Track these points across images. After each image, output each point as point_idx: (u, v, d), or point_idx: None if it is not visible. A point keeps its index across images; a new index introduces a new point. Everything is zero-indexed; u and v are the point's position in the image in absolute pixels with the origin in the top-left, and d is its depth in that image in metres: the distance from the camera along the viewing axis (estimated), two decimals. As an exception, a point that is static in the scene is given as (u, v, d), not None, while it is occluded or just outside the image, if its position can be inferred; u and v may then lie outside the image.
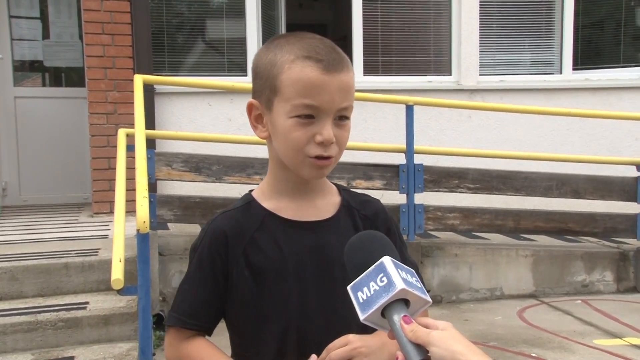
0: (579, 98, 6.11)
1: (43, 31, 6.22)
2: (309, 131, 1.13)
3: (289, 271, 1.20)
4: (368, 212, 1.30)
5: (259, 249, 1.20)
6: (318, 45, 1.15)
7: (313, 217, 1.24)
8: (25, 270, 3.66)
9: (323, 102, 1.12)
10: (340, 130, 1.16)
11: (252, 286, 1.19)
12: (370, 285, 0.95)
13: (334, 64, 1.13)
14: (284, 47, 1.16)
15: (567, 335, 3.97)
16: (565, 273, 5.04)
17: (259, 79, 1.20)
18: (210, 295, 1.22)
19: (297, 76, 1.12)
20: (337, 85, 1.13)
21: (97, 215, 5.26)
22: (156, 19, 5.66)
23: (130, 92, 4.94)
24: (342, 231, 1.24)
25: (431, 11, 6.27)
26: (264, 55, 1.19)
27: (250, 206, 1.25)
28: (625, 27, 6.65)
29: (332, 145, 1.15)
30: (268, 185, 1.26)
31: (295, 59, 1.13)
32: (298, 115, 1.13)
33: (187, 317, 1.22)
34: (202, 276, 1.22)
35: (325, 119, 1.13)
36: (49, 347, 3.31)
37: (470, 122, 6.00)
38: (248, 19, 5.71)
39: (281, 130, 1.16)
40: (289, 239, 1.21)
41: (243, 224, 1.22)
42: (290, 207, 1.23)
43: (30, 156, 6.10)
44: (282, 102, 1.14)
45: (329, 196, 1.28)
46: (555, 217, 5.05)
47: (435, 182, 4.78)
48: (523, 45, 6.40)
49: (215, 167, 4.45)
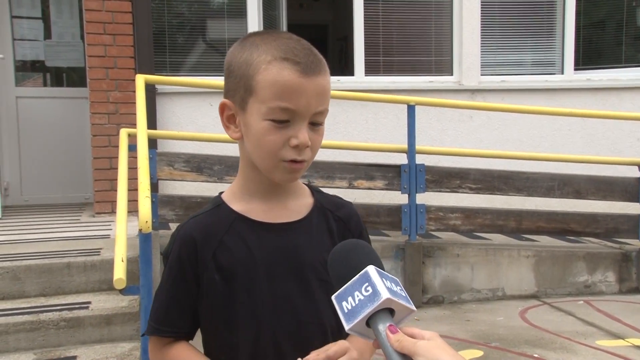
0: (581, 98, 6.11)
1: (44, 31, 6.22)
2: (284, 135, 1.11)
3: (260, 274, 1.17)
4: (342, 214, 1.28)
5: (229, 252, 1.18)
6: (295, 46, 1.12)
7: (284, 218, 1.21)
8: (27, 269, 3.66)
9: (300, 105, 1.10)
10: (314, 134, 1.14)
11: (223, 290, 1.17)
12: (355, 295, 0.94)
13: (311, 66, 1.11)
14: (259, 46, 1.13)
15: (569, 336, 3.96)
16: (567, 274, 5.04)
17: (232, 77, 1.17)
18: (184, 301, 1.20)
19: (274, 78, 1.10)
20: (314, 88, 1.11)
21: (98, 215, 5.26)
22: (157, 19, 5.66)
23: (131, 92, 4.94)
24: (314, 232, 1.23)
25: (432, 11, 6.27)
26: (238, 54, 1.16)
27: (220, 209, 1.22)
28: (626, 28, 6.65)
29: (307, 150, 1.13)
30: (238, 186, 1.24)
31: (272, 59, 1.11)
32: (273, 118, 1.11)
33: (163, 325, 1.21)
34: (174, 283, 1.20)
35: (300, 123, 1.11)
36: (51, 347, 3.31)
37: (471, 122, 6.00)
38: (249, 19, 5.71)
39: (255, 132, 1.13)
40: (259, 241, 1.19)
41: (212, 227, 1.20)
42: (260, 209, 1.21)
43: (32, 156, 6.10)
44: (257, 103, 1.12)
45: (301, 197, 1.26)
46: (557, 218, 5.05)
47: (437, 182, 4.78)
48: (524, 46, 6.40)
49: (217, 167, 4.45)
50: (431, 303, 4.77)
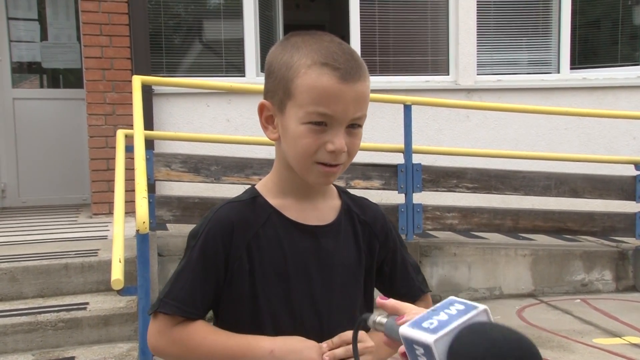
0: (577, 97, 6.13)
1: (41, 33, 6.22)
2: (321, 139, 1.11)
3: (289, 273, 1.18)
4: (367, 217, 1.29)
5: (262, 245, 1.18)
6: (336, 51, 1.11)
7: (315, 220, 1.22)
8: (25, 271, 3.66)
9: (337, 111, 1.10)
10: (351, 138, 1.14)
11: (249, 282, 1.17)
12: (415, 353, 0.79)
13: (351, 72, 1.10)
14: (300, 49, 1.13)
15: (566, 334, 3.97)
16: (564, 272, 5.05)
17: (272, 78, 1.17)
18: (209, 285, 1.17)
19: (313, 83, 1.10)
20: (353, 95, 1.10)
21: (96, 216, 5.26)
22: (154, 20, 5.66)
23: (128, 93, 4.94)
24: (342, 236, 1.24)
25: (428, 11, 6.29)
26: (280, 55, 1.16)
27: (257, 200, 1.22)
28: (622, 27, 6.67)
29: (343, 154, 1.13)
30: (273, 183, 1.24)
31: (312, 64, 1.10)
32: (310, 121, 1.11)
33: (186, 305, 1.15)
34: (204, 265, 1.16)
35: (337, 128, 1.11)
36: (49, 348, 3.32)
37: (468, 121, 6.02)
38: (245, 19, 5.72)
39: (292, 135, 1.14)
40: (291, 240, 1.20)
41: (249, 217, 1.19)
42: (294, 207, 1.22)
43: (29, 158, 6.09)
44: (295, 107, 1.12)
45: (330, 199, 1.27)
46: (553, 217, 5.06)
47: (434, 182, 4.79)
48: (520, 45, 6.41)
49: (214, 168, 4.45)
50: (429, 302, 4.78)
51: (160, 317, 1.17)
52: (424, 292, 1.34)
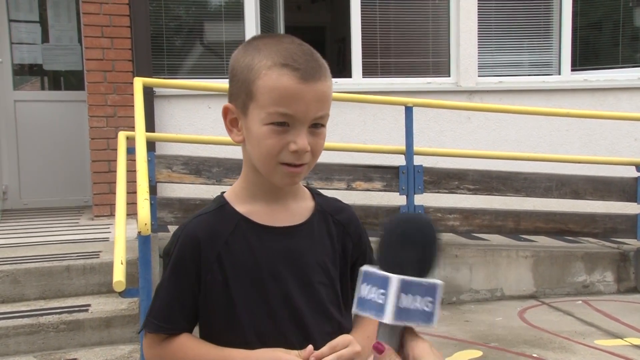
0: (578, 99, 6.12)
1: (42, 35, 6.23)
2: (283, 139, 1.12)
3: (263, 277, 1.18)
4: (342, 218, 1.29)
5: (233, 254, 1.18)
6: (296, 52, 1.13)
7: (286, 222, 1.22)
8: (27, 273, 3.66)
9: (298, 111, 1.11)
10: (315, 138, 1.15)
11: (224, 292, 1.18)
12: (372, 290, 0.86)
13: (311, 72, 1.12)
14: (261, 51, 1.14)
15: (568, 335, 3.97)
16: (566, 274, 5.05)
17: (235, 82, 1.19)
18: (186, 300, 1.20)
19: (273, 84, 1.11)
20: (314, 95, 1.12)
21: (97, 218, 5.26)
22: (155, 22, 5.67)
23: (129, 95, 4.94)
24: (315, 236, 1.24)
25: (430, 13, 6.29)
26: (241, 58, 1.18)
27: (224, 209, 1.22)
28: (623, 28, 6.67)
29: (306, 154, 1.14)
30: (241, 188, 1.25)
31: (272, 65, 1.12)
32: (272, 122, 1.12)
33: (164, 322, 1.21)
34: (177, 281, 1.20)
35: (299, 128, 1.12)
36: (51, 350, 3.31)
37: (469, 123, 6.01)
38: (247, 21, 5.72)
39: (255, 137, 1.15)
40: (262, 244, 1.19)
41: (216, 228, 1.20)
42: (263, 212, 1.22)
43: (31, 160, 6.10)
44: (257, 108, 1.13)
45: (302, 200, 1.27)
46: (555, 218, 5.06)
47: (435, 184, 4.79)
48: (522, 47, 6.42)
49: (215, 169, 4.46)
50: (430, 304, 4.77)
51: (148, 335, 1.24)
52: None
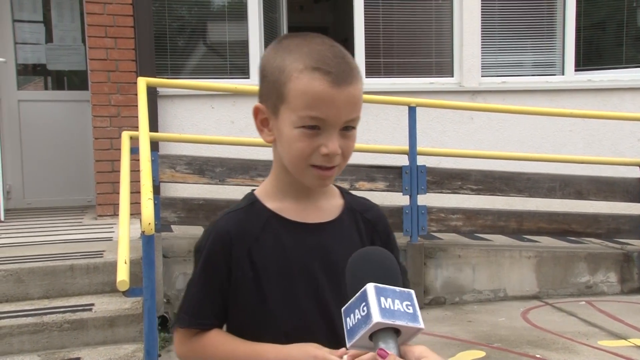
0: (581, 99, 6.12)
1: (46, 35, 6.25)
2: (314, 142, 1.12)
3: (294, 273, 1.19)
4: (370, 216, 1.29)
5: (264, 250, 1.20)
6: (328, 54, 1.12)
7: (316, 218, 1.23)
8: (30, 272, 3.67)
9: (330, 115, 1.11)
10: (346, 141, 1.15)
11: (255, 288, 1.19)
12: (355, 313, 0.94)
13: (342, 76, 1.11)
14: (292, 52, 1.14)
15: (571, 336, 3.97)
16: (569, 274, 5.04)
17: (266, 82, 1.18)
18: (216, 295, 1.21)
19: (305, 88, 1.10)
20: (345, 98, 1.11)
21: (100, 218, 5.27)
22: (158, 22, 5.68)
23: (133, 95, 4.96)
24: (345, 233, 1.24)
25: (433, 13, 6.29)
26: (272, 59, 1.17)
27: (254, 206, 1.24)
28: (627, 28, 6.66)
29: (337, 156, 1.14)
30: (271, 186, 1.26)
31: (303, 68, 1.11)
32: (304, 125, 1.12)
33: (196, 317, 1.22)
34: (208, 277, 1.21)
35: (331, 131, 1.12)
36: (54, 349, 3.32)
37: (472, 123, 6.01)
38: (250, 21, 5.73)
39: (286, 139, 1.15)
40: (293, 240, 1.20)
41: (247, 224, 1.21)
42: (293, 209, 1.22)
43: (34, 159, 6.12)
44: (289, 111, 1.13)
45: (332, 198, 1.28)
46: (558, 218, 5.05)
47: (438, 184, 4.79)
48: (525, 47, 6.41)
49: (219, 169, 4.46)
50: (433, 304, 4.78)
51: (179, 330, 1.26)
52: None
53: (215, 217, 1.28)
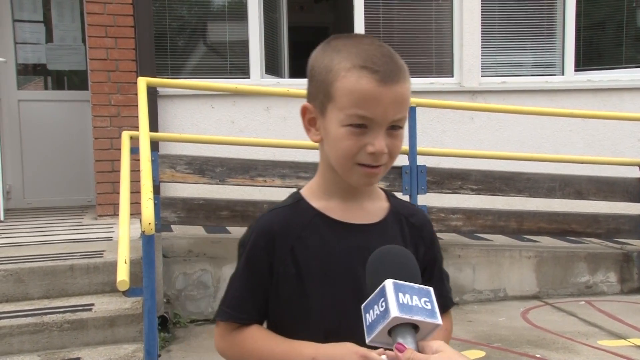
0: (581, 99, 6.12)
1: (46, 35, 6.25)
2: (361, 141, 1.13)
3: (336, 271, 1.20)
4: (415, 221, 1.30)
5: (307, 247, 1.20)
6: (375, 53, 1.13)
7: (361, 219, 1.23)
8: (30, 272, 3.67)
9: (377, 114, 1.12)
10: (392, 140, 1.15)
11: (296, 284, 1.20)
12: (374, 309, 0.95)
13: (390, 75, 1.12)
14: (340, 52, 1.15)
15: (571, 336, 3.97)
16: (569, 274, 5.05)
17: (314, 82, 1.19)
18: (258, 291, 1.22)
19: (352, 86, 1.11)
20: (392, 97, 1.12)
21: (100, 218, 5.27)
22: (158, 22, 5.68)
23: (133, 95, 4.96)
24: (389, 236, 1.24)
25: (433, 13, 6.29)
26: (320, 58, 1.18)
27: (299, 204, 1.25)
28: (626, 28, 6.66)
29: (384, 155, 1.15)
30: (317, 185, 1.26)
31: (351, 67, 1.12)
32: (350, 124, 1.13)
33: (237, 311, 1.23)
34: (250, 272, 1.22)
35: (377, 130, 1.13)
36: (54, 349, 3.32)
37: (472, 123, 6.01)
38: (250, 21, 5.73)
39: (333, 137, 1.16)
40: (337, 239, 1.21)
41: (291, 221, 1.22)
42: (339, 208, 1.23)
43: (34, 159, 6.12)
44: (336, 110, 1.14)
45: (378, 201, 1.28)
46: (558, 218, 5.05)
47: (438, 184, 4.79)
48: (525, 47, 6.41)
49: (219, 169, 4.46)
50: (433, 304, 4.78)
51: (220, 324, 1.28)
52: (452, 303, 1.37)
53: (216, 217, 1.29)
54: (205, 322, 4.38)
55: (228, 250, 4.57)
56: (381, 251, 1.04)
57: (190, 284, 4.47)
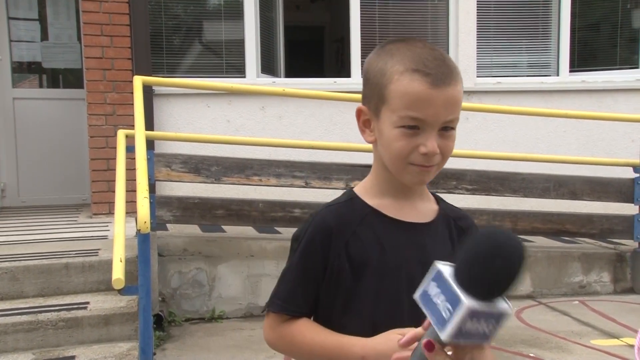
0: (576, 100, 6.14)
1: (41, 32, 6.23)
2: (413, 142, 1.17)
3: (389, 268, 1.23)
4: (463, 224, 1.32)
5: (361, 243, 1.23)
6: (427, 57, 1.17)
7: (414, 218, 1.27)
8: (25, 270, 3.67)
9: (428, 115, 1.15)
10: (445, 141, 1.18)
11: (350, 279, 1.22)
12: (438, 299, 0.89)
13: (442, 77, 1.15)
14: (394, 56, 1.19)
15: (564, 335, 3.99)
16: (563, 274, 5.07)
17: (369, 85, 1.24)
18: (311, 284, 1.25)
19: (405, 89, 1.15)
20: (444, 99, 1.15)
21: (96, 216, 5.26)
22: (154, 21, 5.67)
23: (129, 94, 4.96)
24: (439, 237, 1.27)
25: (429, 13, 6.31)
26: (375, 63, 1.23)
27: (353, 202, 1.28)
28: (621, 30, 6.69)
29: (436, 156, 1.18)
30: (371, 184, 1.30)
31: (404, 70, 1.16)
32: (403, 125, 1.16)
33: (289, 303, 1.25)
34: (305, 266, 1.25)
35: (429, 131, 1.16)
36: (49, 347, 3.32)
37: (467, 123, 6.02)
38: (246, 20, 5.73)
39: (386, 138, 1.20)
40: (390, 236, 1.24)
41: (346, 218, 1.25)
42: (392, 206, 1.26)
43: (29, 157, 6.10)
44: (389, 111, 1.18)
45: (428, 202, 1.31)
46: (552, 219, 5.07)
47: (433, 183, 4.77)
48: (520, 48, 6.43)
49: (214, 168, 4.46)
50: (427, 303, 4.79)
51: (270, 315, 1.29)
52: None
53: (212, 216, 1.30)
54: (200, 321, 4.39)
55: (223, 249, 4.57)
56: (509, 239, 0.94)
57: (185, 283, 4.48)
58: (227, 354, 3.68)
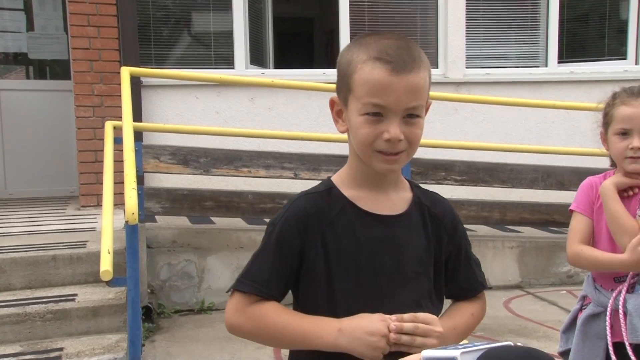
0: (564, 91, 6.17)
1: (27, 23, 6.17)
2: (377, 129, 1.19)
3: (363, 260, 1.24)
4: (437, 210, 1.35)
5: (337, 234, 1.25)
6: (391, 46, 1.20)
7: (387, 210, 1.29)
8: (13, 262, 3.64)
9: (389, 102, 1.18)
10: (410, 127, 1.21)
11: (324, 270, 1.24)
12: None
13: (402, 65, 1.18)
14: (361, 47, 1.23)
15: (552, 325, 4.02)
16: (551, 264, 5.10)
17: (339, 76, 1.28)
18: (284, 269, 1.25)
19: (367, 77, 1.19)
20: (405, 86, 1.18)
21: (84, 208, 5.24)
22: (142, 11, 5.63)
23: (116, 85, 4.92)
24: (413, 227, 1.30)
25: (418, 4, 6.29)
26: (345, 54, 1.27)
27: (331, 192, 1.30)
28: (609, 21, 6.71)
29: (401, 142, 1.20)
30: (347, 174, 1.33)
31: (367, 59, 1.20)
32: (367, 113, 1.19)
33: (261, 285, 1.24)
34: (280, 249, 1.25)
35: (392, 118, 1.19)
36: (37, 339, 3.31)
37: (456, 114, 6.04)
38: (235, 12, 5.70)
39: (353, 126, 1.23)
40: (364, 229, 1.26)
41: (324, 207, 1.27)
42: (367, 198, 1.29)
43: (16, 149, 6.05)
44: (355, 100, 1.22)
45: (402, 191, 1.34)
46: (540, 209, 5.10)
47: (422, 174, 4.81)
48: (509, 39, 6.44)
49: (203, 160, 4.45)
50: (417, 294, 4.82)
51: (237, 296, 1.27)
52: (484, 287, 1.46)
53: (200, 208, 1.31)
54: (189, 313, 4.38)
55: (212, 241, 4.56)
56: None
57: (174, 275, 4.47)
58: (216, 345, 3.68)
